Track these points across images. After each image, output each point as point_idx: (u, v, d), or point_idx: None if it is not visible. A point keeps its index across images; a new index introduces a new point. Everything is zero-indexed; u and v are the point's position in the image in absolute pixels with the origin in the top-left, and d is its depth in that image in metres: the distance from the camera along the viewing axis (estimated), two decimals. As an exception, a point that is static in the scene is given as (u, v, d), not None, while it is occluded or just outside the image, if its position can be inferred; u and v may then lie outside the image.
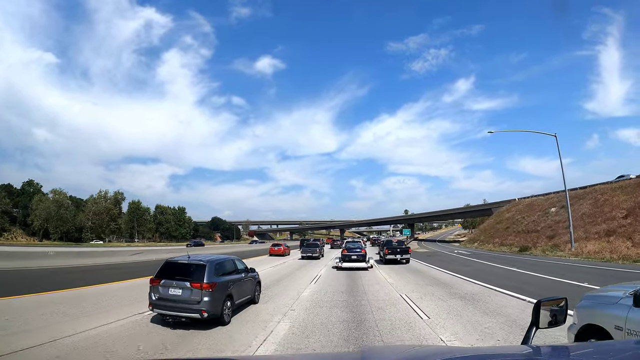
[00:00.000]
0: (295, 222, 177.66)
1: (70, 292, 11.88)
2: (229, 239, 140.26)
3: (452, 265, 23.19)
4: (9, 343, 6.06)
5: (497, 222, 54.34)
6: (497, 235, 49.06)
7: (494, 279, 15.74)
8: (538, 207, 49.00)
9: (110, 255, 31.17)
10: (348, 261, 20.53)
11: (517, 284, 13.66)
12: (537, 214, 46.42)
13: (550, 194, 51.05)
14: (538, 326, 1.99)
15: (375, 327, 7.67)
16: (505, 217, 53.81)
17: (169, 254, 18.08)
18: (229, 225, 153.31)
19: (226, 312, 7.80)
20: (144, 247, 50.61)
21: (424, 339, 6.83)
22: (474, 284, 14.23)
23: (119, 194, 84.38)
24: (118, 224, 75.82)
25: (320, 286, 14.33)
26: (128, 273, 17.48)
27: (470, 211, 78.60)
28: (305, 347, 6.40)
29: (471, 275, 17.30)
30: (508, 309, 9.31)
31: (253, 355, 5.85)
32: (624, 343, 2.36)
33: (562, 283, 14.19)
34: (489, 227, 55.65)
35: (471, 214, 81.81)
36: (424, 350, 2.41)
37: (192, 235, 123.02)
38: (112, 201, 77.40)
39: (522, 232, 43.41)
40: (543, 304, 2.07)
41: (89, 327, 7.30)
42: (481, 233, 56.00)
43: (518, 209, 53.67)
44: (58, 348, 6.02)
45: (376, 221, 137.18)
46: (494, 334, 7.06)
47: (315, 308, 9.81)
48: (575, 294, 5.64)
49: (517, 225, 46.91)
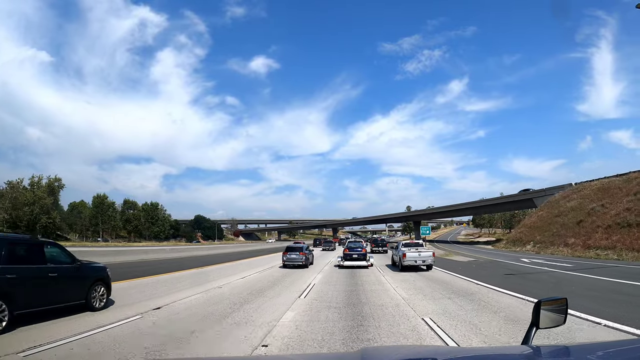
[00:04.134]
0: (285, 221, 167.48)
1: None
2: (211, 238, 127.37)
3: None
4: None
5: (555, 215, 39.25)
6: (567, 232, 33.96)
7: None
8: (620, 190, 34.26)
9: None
10: (350, 260, 20.80)
11: None
12: (626, 199, 31.53)
13: (631, 173, 37.16)
14: (538, 326, 1.97)
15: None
16: (566, 207, 38.81)
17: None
18: (211, 223, 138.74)
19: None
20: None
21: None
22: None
23: (54, 180, 67.48)
24: (52, 217, 59.42)
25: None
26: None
27: (501, 203, 62.01)
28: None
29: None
30: None
31: (253, 355, 5.46)
32: (624, 343, 2.35)
33: None
34: (542, 223, 40.39)
35: (502, 206, 65.20)
36: (424, 350, 2.67)
37: (171, 235, 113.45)
38: (45, 190, 60.84)
39: (618, 226, 28.25)
40: (543, 304, 2.01)
41: None
42: (531, 231, 40.66)
43: (584, 195, 38.81)
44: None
45: (374, 219, 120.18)
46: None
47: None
48: None
49: (599, 218, 31.82)
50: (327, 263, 24.52)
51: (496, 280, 13.65)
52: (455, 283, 13.62)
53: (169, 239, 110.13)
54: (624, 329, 6.37)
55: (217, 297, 10.53)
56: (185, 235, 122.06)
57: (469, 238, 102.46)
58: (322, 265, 23.15)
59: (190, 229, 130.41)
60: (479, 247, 54.66)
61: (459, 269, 18.92)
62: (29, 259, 6.34)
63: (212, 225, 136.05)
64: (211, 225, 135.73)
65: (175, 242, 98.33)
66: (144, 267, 20.11)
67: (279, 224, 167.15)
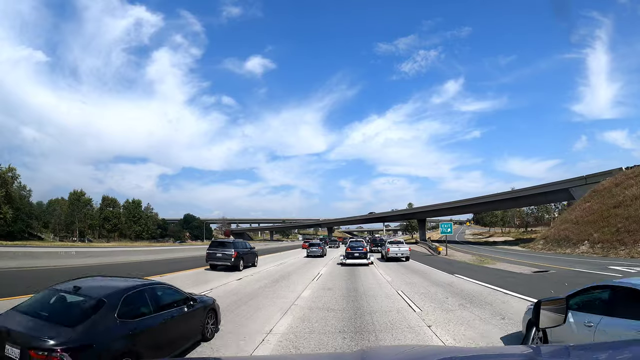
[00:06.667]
0: (278, 220, 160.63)
1: None
2: (199, 238, 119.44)
3: None
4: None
5: (612, 206, 31.41)
6: (639, 227, 25.92)
7: None
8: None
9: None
10: (351, 258, 22.15)
11: None
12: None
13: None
14: (538, 326, 1.99)
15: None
16: (626, 195, 31.02)
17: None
18: (199, 222, 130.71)
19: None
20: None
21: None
22: None
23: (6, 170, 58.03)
24: (2, 212, 50.43)
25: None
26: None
27: (525, 196, 52.91)
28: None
29: None
30: None
31: (253, 356, 5.74)
32: (624, 343, 2.32)
33: None
34: (595, 217, 32.36)
35: (527, 200, 56.29)
36: (424, 351, 2.58)
37: (158, 234, 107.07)
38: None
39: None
40: (543, 304, 2.04)
41: None
42: (581, 227, 32.58)
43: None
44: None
45: (372, 218, 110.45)
46: None
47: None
48: None
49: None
50: (335, 257, 29.29)
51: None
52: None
53: (157, 238, 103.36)
54: None
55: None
56: (174, 235, 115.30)
57: (478, 238, 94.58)
58: (332, 256, 31.04)
59: (179, 229, 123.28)
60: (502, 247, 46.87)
61: (544, 289, 11.24)
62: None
63: (199, 225, 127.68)
64: (198, 225, 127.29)
65: (149, 242, 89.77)
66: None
67: (272, 224, 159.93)
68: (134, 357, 4.48)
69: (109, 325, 4.34)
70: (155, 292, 5.69)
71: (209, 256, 18.34)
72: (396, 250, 25.71)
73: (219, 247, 18.42)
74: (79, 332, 3.99)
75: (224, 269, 17.64)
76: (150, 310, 5.21)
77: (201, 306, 6.63)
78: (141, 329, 4.80)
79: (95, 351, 4.01)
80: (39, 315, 4.30)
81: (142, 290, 5.37)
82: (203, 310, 6.68)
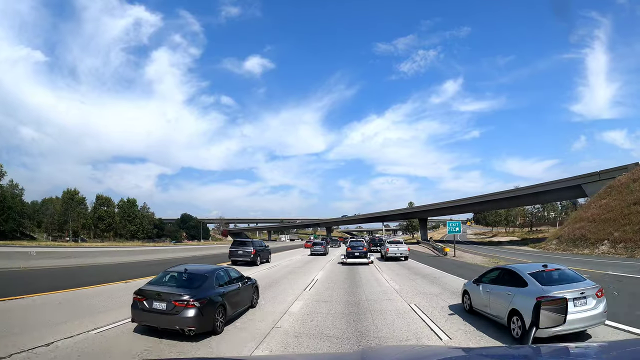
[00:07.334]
0: (276, 220, 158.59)
1: None
2: (196, 238, 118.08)
3: None
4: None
5: (632, 203, 29.59)
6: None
7: None
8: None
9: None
10: (352, 257, 23.16)
11: None
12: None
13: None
14: (538, 326, 2.16)
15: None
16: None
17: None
18: (196, 222, 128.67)
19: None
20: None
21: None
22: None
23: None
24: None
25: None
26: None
27: (534, 193, 50.29)
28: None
29: None
30: None
31: (253, 356, 5.90)
32: (624, 343, 2.37)
33: None
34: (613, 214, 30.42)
35: (536, 197, 54.06)
36: (423, 350, 2.72)
37: (155, 234, 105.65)
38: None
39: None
40: (543, 304, 2.20)
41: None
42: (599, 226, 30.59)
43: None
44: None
45: (372, 217, 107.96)
46: None
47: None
48: None
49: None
50: (336, 255, 31.17)
51: None
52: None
53: (152, 238, 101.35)
54: None
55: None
56: (170, 235, 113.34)
57: (481, 238, 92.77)
58: (334, 254, 33.07)
59: (175, 228, 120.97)
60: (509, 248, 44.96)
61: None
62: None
63: (196, 224, 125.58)
64: (195, 224, 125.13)
65: (142, 242, 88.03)
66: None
67: (270, 223, 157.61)
68: (224, 307, 7.59)
69: (212, 288, 7.57)
70: (228, 272, 8.97)
71: (232, 253, 22.17)
72: (395, 249, 26.89)
73: (240, 246, 22.47)
74: (199, 291, 7.07)
75: (243, 264, 20.53)
76: (227, 282, 8.41)
77: (251, 283, 9.89)
78: (226, 291, 8.02)
79: (208, 302, 7.04)
80: (169, 285, 7.37)
81: (223, 269, 8.87)
82: (252, 286, 9.89)
